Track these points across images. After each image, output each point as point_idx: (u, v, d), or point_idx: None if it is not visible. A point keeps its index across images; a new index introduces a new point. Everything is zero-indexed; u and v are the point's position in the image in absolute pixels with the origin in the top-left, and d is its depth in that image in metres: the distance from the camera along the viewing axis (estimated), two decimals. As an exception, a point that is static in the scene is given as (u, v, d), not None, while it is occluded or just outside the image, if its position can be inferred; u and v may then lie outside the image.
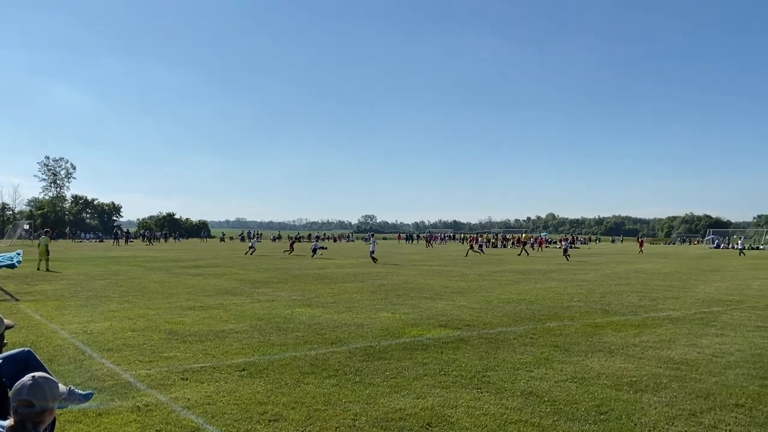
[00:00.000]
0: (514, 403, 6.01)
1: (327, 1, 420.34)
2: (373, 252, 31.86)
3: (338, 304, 13.56)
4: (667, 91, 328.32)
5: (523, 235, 55.81)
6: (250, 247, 42.45)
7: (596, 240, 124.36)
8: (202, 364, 7.56)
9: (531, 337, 9.65)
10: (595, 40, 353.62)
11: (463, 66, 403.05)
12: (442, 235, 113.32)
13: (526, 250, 45.29)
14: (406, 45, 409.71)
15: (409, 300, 14.58)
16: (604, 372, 7.35)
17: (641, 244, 57.18)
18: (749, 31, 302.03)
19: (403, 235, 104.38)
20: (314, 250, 37.67)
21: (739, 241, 56.86)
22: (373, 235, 38.74)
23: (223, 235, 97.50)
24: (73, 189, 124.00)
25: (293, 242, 46.16)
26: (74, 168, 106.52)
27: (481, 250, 44.68)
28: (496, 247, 63.17)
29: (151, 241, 72.93)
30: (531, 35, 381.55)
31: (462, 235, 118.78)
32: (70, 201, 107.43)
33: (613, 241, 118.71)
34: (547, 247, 64.83)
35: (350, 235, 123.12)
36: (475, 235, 65.12)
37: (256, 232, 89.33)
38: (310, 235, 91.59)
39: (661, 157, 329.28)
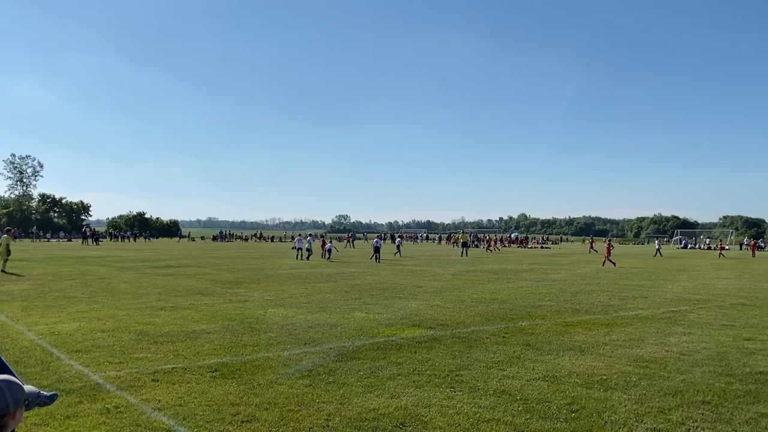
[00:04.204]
0: (487, 402, 6.06)
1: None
2: (309, 250, 34.45)
3: (312, 305, 13.50)
4: (638, 93, 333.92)
5: (460, 235, 54.46)
6: (308, 250, 33.94)
7: (567, 239, 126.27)
8: (173, 365, 7.47)
9: (503, 336, 9.73)
10: (570, 42, 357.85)
11: (436, 65, 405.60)
12: (416, 234, 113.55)
13: (464, 252, 42.72)
14: (379, 43, 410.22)
15: (383, 300, 14.58)
16: (575, 370, 7.44)
17: (592, 244, 53.76)
18: (722, 29, 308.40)
19: (357, 236, 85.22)
20: (329, 251, 34.31)
21: (656, 242, 53.60)
22: (311, 235, 40.23)
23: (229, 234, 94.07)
24: (40, 187, 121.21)
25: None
26: (41, 166, 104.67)
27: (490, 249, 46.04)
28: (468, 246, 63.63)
29: (97, 240, 65.55)
30: (509, 35, 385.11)
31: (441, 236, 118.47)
32: (37, 200, 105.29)
33: (583, 241, 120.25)
34: (504, 246, 66.90)
35: (324, 235, 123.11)
36: (492, 237, 66.78)
37: (315, 233, 75.63)
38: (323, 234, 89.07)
39: (630, 159, 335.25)
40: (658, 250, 47.08)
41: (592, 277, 23.26)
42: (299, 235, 44.88)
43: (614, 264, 30.80)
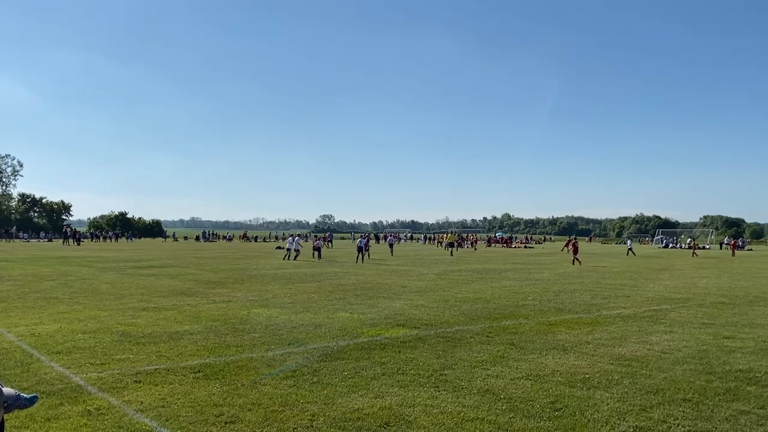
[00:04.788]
0: (471, 401, 6.08)
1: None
2: (297, 251, 34.25)
3: (296, 305, 13.46)
4: (621, 93, 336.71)
5: (448, 235, 54.92)
6: (296, 251, 33.54)
7: (550, 239, 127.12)
8: (156, 366, 7.41)
9: (487, 336, 9.77)
10: (553, 42, 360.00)
11: (420, 65, 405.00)
12: (398, 234, 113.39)
13: (451, 252, 44.05)
14: (363, 43, 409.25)
15: (367, 300, 14.58)
16: (558, 369, 7.50)
17: (567, 245, 53.86)
18: (703, 31, 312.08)
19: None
20: (318, 249, 35.74)
21: (628, 242, 53.23)
22: (299, 235, 41.07)
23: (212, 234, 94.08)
24: (19, 187, 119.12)
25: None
26: (21, 165, 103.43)
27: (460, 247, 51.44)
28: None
29: (78, 241, 62.52)
30: (493, 35, 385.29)
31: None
32: (16, 199, 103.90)
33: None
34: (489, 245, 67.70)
35: (308, 234, 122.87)
36: (464, 236, 68.05)
37: (301, 233, 75.11)
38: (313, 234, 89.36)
39: (613, 159, 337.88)
40: (630, 249, 47.57)
41: (575, 276, 23.43)
42: (290, 236, 44.66)
43: (573, 263, 31.50)
